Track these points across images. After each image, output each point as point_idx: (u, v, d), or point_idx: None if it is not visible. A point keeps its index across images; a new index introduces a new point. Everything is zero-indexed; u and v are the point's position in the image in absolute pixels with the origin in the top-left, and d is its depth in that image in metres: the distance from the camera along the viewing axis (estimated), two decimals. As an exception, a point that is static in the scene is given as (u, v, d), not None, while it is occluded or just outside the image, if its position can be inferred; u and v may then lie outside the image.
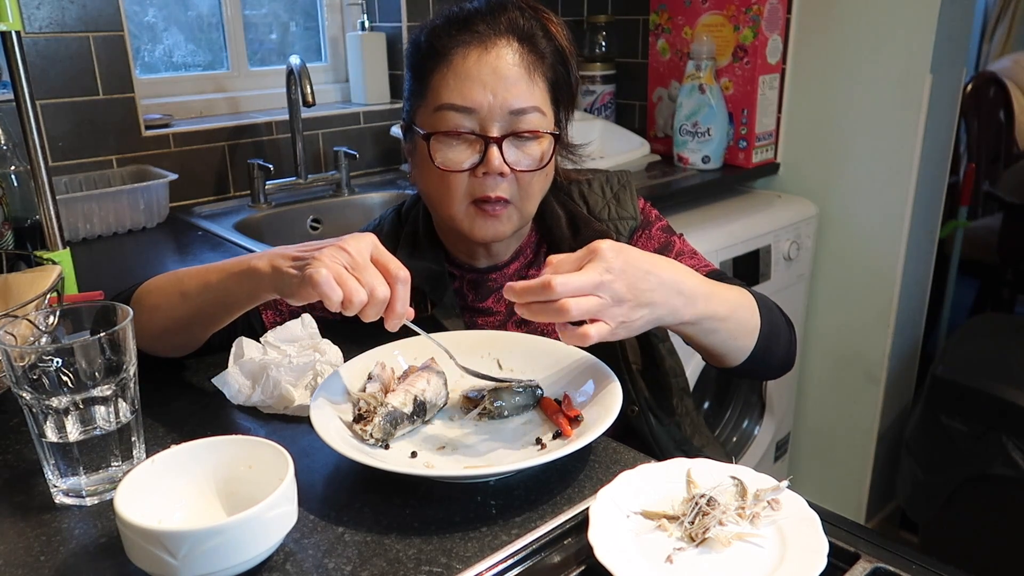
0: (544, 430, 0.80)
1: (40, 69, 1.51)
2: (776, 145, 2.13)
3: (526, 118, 0.93)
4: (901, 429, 2.19)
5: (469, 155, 0.94)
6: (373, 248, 0.76)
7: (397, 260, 0.76)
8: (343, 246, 0.74)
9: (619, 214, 1.07)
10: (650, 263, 0.79)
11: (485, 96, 0.92)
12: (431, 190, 0.99)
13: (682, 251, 1.07)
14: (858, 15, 1.91)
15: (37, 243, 1.22)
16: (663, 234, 1.09)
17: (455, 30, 0.94)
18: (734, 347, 0.92)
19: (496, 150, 0.92)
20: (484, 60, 0.92)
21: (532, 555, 0.64)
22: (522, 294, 0.74)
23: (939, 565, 0.62)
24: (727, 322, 0.87)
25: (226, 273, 0.84)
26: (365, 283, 0.73)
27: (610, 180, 1.10)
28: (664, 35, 2.16)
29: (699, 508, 0.65)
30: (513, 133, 0.93)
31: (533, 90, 0.94)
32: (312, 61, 2.09)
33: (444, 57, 0.94)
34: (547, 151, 0.96)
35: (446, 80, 0.93)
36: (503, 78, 0.92)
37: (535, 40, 0.95)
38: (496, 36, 0.93)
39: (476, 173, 0.94)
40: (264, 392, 0.86)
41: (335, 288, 0.71)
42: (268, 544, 0.61)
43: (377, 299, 0.73)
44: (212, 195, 1.81)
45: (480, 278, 1.06)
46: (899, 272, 2.01)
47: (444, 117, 0.93)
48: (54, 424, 0.68)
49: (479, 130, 0.93)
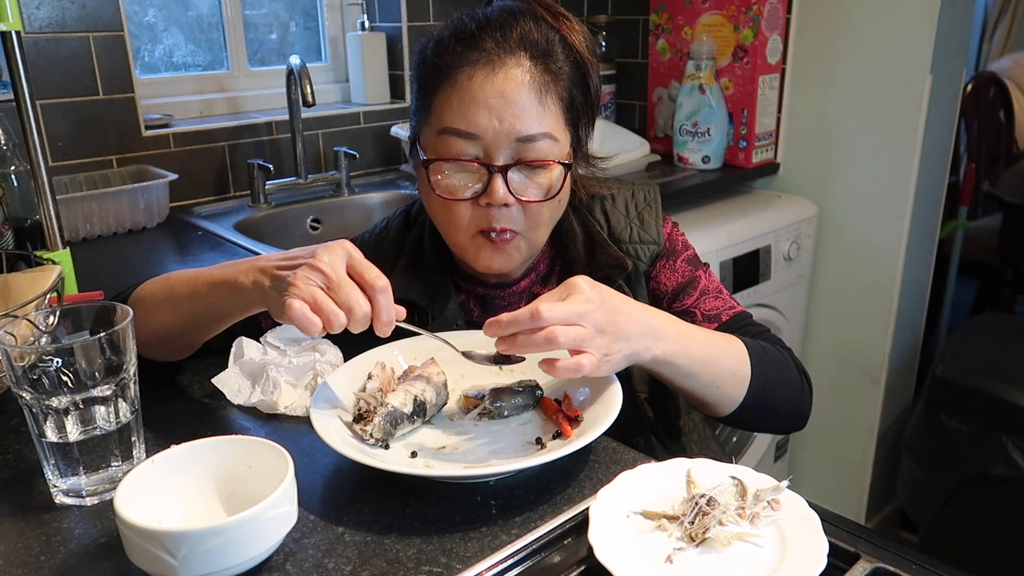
0: (544, 430, 0.80)
1: (40, 69, 1.51)
2: (776, 145, 2.13)
3: (535, 146, 0.87)
4: (901, 429, 2.19)
5: (472, 184, 0.88)
6: (348, 258, 0.73)
7: (374, 268, 0.73)
8: (316, 264, 0.71)
9: (641, 237, 1.01)
10: (621, 299, 0.79)
11: (491, 122, 0.85)
12: (435, 216, 0.93)
13: (707, 289, 1.01)
14: (858, 15, 1.91)
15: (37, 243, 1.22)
16: (688, 267, 1.02)
17: (462, 46, 0.87)
18: (718, 395, 0.88)
19: (500, 180, 0.86)
20: (491, 82, 0.85)
21: (532, 555, 0.64)
22: (508, 326, 0.72)
23: (939, 565, 0.62)
24: (707, 367, 0.85)
25: (215, 284, 0.82)
26: (342, 303, 0.71)
27: (635, 196, 1.03)
28: (664, 35, 2.16)
29: (699, 508, 0.65)
30: (520, 161, 0.87)
31: (544, 115, 0.87)
32: (312, 61, 2.09)
33: (449, 76, 0.87)
34: (557, 181, 0.89)
35: (450, 102, 0.87)
36: (511, 102, 0.85)
37: (550, 56, 0.88)
38: (505, 55, 0.86)
39: (479, 203, 0.88)
40: (264, 392, 0.86)
41: (311, 320, 0.69)
42: (268, 544, 0.61)
43: (357, 317, 0.71)
44: (212, 195, 1.81)
45: (488, 294, 1.01)
46: (899, 272, 2.01)
47: (446, 142, 0.87)
48: (54, 424, 0.68)
49: (483, 158, 0.87)
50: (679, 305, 1.01)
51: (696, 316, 0.99)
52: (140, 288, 0.92)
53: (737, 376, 0.88)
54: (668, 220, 1.05)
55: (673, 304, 1.01)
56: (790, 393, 0.94)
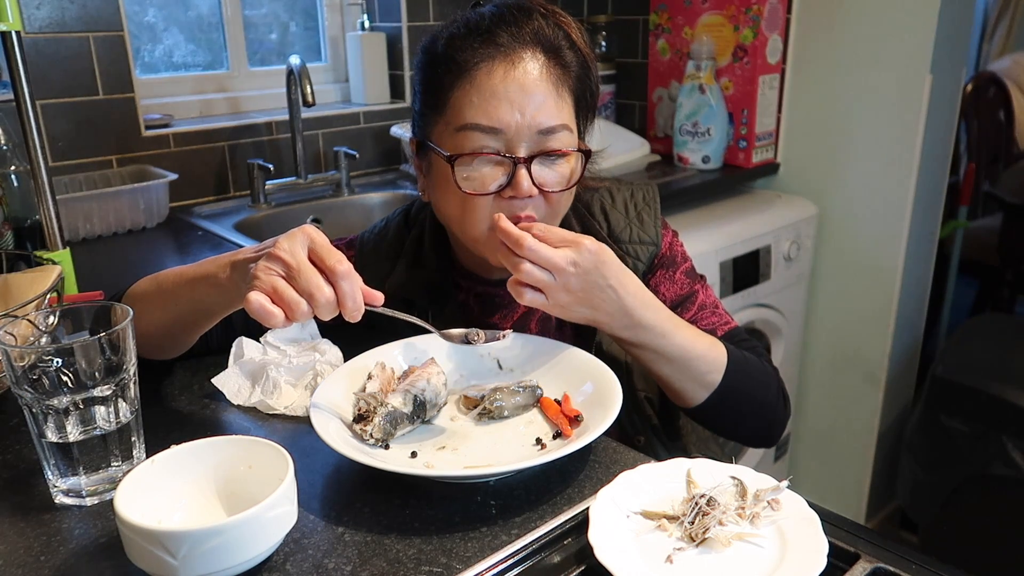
0: (544, 430, 0.80)
1: (40, 69, 1.51)
2: (776, 145, 2.13)
3: (555, 137, 0.88)
4: (901, 429, 2.19)
5: (495, 177, 0.88)
6: (310, 243, 0.71)
7: (336, 252, 0.71)
8: (275, 252, 0.70)
9: (640, 237, 1.02)
10: (617, 282, 0.83)
11: (512, 115, 0.85)
12: (452, 212, 0.92)
13: (704, 304, 1.02)
14: (858, 15, 1.91)
15: (37, 243, 1.22)
16: (687, 279, 1.03)
17: (477, 42, 0.87)
18: (680, 388, 0.91)
19: (525, 172, 0.87)
20: (511, 76, 0.86)
21: (532, 555, 0.64)
22: (501, 232, 0.81)
23: (939, 565, 0.62)
24: (673, 363, 0.89)
25: (197, 281, 0.82)
26: (302, 290, 0.69)
27: (634, 196, 1.04)
28: (664, 35, 2.16)
29: (699, 508, 0.65)
30: (542, 153, 0.88)
31: (561, 107, 0.88)
32: (312, 61, 2.09)
33: (466, 72, 0.87)
34: (576, 169, 0.91)
35: (469, 98, 0.87)
36: (531, 95, 0.86)
37: (560, 52, 0.89)
38: (521, 48, 0.87)
39: (503, 195, 0.88)
40: (264, 392, 0.86)
41: (270, 311, 0.68)
42: (268, 544, 0.61)
43: (320, 304, 0.69)
44: (212, 195, 1.81)
45: (489, 291, 1.01)
46: (899, 272, 2.01)
47: (468, 137, 0.87)
48: (54, 424, 0.68)
49: (506, 151, 0.87)
50: None
51: None
52: (132, 288, 0.91)
53: (701, 379, 0.91)
54: (668, 229, 1.05)
55: None
56: (760, 409, 0.97)
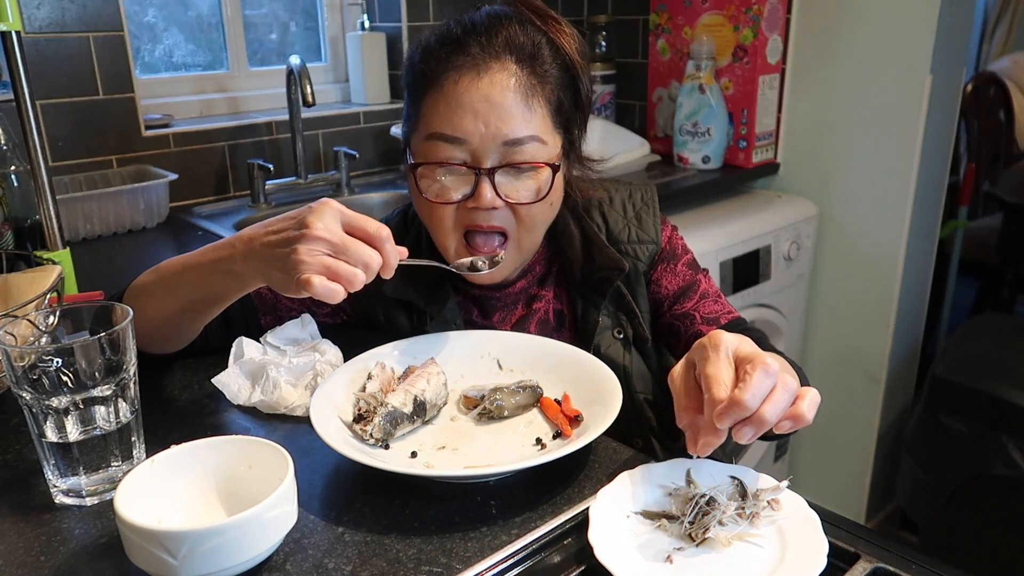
0: (544, 430, 0.80)
1: (40, 69, 1.51)
2: (776, 145, 2.13)
3: (522, 149, 0.87)
4: (901, 429, 2.19)
5: (460, 187, 0.89)
6: (341, 217, 0.73)
7: (371, 220, 0.74)
8: (314, 234, 0.70)
9: (639, 237, 1.01)
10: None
11: (476, 126, 0.86)
12: (424, 218, 0.95)
13: (707, 293, 1.02)
14: (858, 15, 1.91)
15: (37, 243, 1.22)
16: (689, 271, 1.03)
17: (447, 52, 0.88)
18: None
19: (487, 183, 0.87)
20: (476, 87, 0.86)
21: (532, 555, 0.64)
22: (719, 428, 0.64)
23: (939, 565, 0.62)
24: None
25: (206, 269, 0.81)
26: (355, 262, 0.71)
27: (632, 196, 1.04)
28: (664, 35, 2.16)
29: (699, 508, 0.65)
30: (508, 164, 0.88)
31: (531, 118, 0.87)
32: (312, 61, 2.09)
33: (435, 82, 0.88)
34: (546, 183, 0.90)
35: (437, 107, 0.88)
36: (496, 106, 0.86)
37: (537, 59, 0.89)
38: (491, 59, 0.87)
39: (466, 205, 0.89)
40: (264, 392, 0.86)
41: (333, 289, 0.70)
42: (268, 544, 0.61)
43: (374, 270, 0.72)
44: (212, 195, 1.81)
45: (485, 295, 1.02)
46: (899, 272, 2.01)
47: (434, 147, 0.88)
48: (54, 424, 0.68)
49: (471, 161, 0.88)
50: (679, 308, 1.01)
51: (695, 319, 1.00)
52: (134, 282, 0.91)
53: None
54: (668, 224, 1.05)
55: (673, 307, 1.02)
56: None
